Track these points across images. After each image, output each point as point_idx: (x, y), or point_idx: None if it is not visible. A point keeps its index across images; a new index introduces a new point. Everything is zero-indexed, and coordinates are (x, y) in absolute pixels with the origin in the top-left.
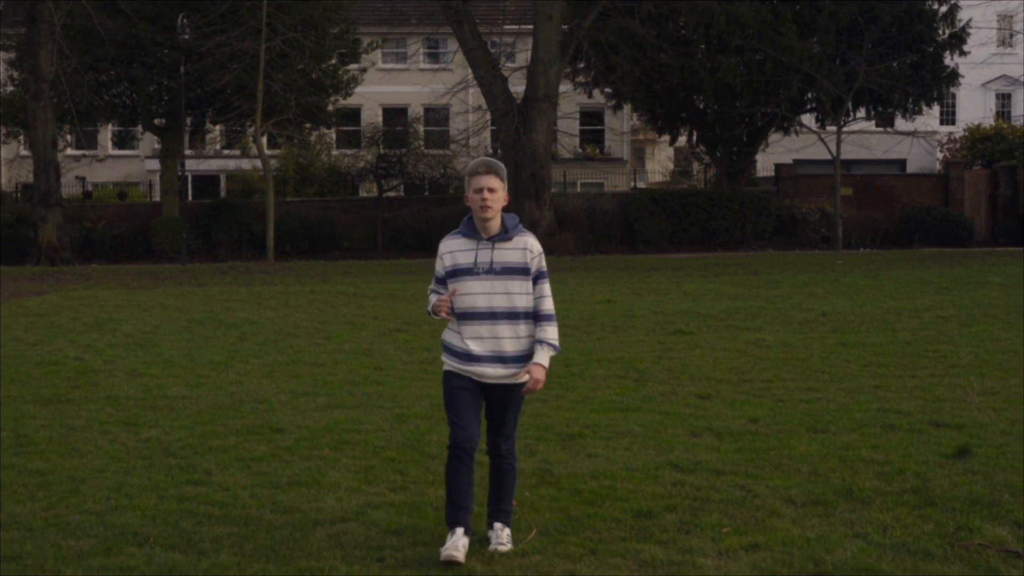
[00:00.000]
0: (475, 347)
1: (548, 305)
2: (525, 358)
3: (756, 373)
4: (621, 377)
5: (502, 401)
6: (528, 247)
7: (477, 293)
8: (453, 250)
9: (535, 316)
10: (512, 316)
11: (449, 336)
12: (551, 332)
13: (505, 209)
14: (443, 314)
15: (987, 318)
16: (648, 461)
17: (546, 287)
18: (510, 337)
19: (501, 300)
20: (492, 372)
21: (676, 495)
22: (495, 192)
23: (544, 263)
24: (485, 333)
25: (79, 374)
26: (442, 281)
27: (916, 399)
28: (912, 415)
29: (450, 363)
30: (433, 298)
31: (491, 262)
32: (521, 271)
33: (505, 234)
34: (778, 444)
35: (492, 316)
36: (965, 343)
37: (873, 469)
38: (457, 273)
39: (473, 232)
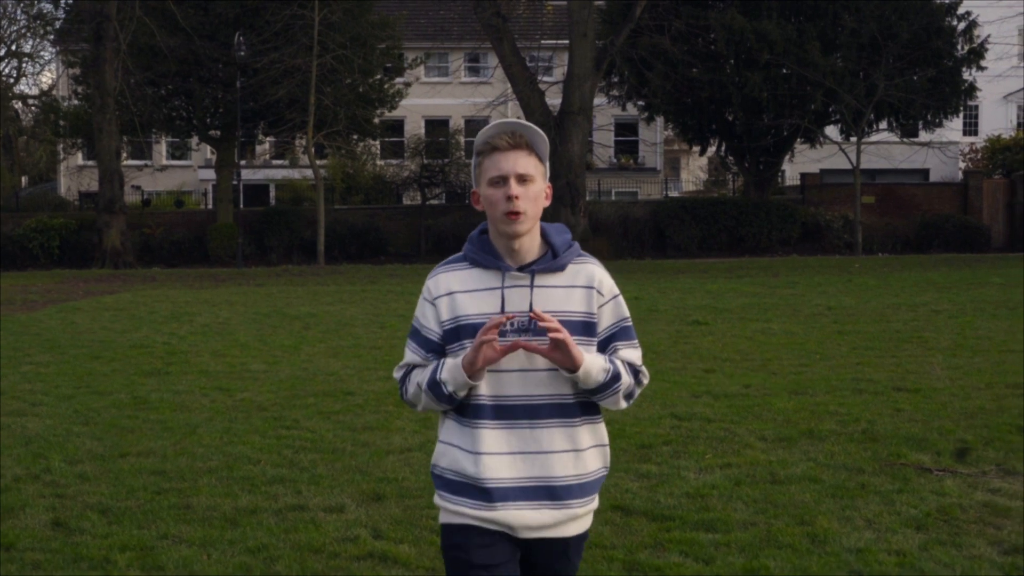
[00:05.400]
0: (497, 472)
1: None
2: (588, 488)
3: (757, 354)
4: None
5: (550, 566)
6: (595, 283)
7: (504, 371)
8: (454, 290)
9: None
10: (566, 412)
11: (444, 455)
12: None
13: (544, 216)
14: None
15: (976, 312)
16: (654, 413)
17: (634, 352)
18: (563, 450)
19: (549, 383)
20: (534, 519)
21: (672, 434)
22: (529, 183)
23: (625, 309)
24: (515, 443)
25: (169, 354)
26: (435, 349)
27: (888, 371)
28: (880, 382)
29: (451, 508)
30: (412, 387)
31: (530, 312)
32: (583, 327)
33: (552, 260)
34: (763, 402)
35: (531, 412)
36: (948, 331)
37: (835, 418)
38: (463, 333)
39: (491, 258)
